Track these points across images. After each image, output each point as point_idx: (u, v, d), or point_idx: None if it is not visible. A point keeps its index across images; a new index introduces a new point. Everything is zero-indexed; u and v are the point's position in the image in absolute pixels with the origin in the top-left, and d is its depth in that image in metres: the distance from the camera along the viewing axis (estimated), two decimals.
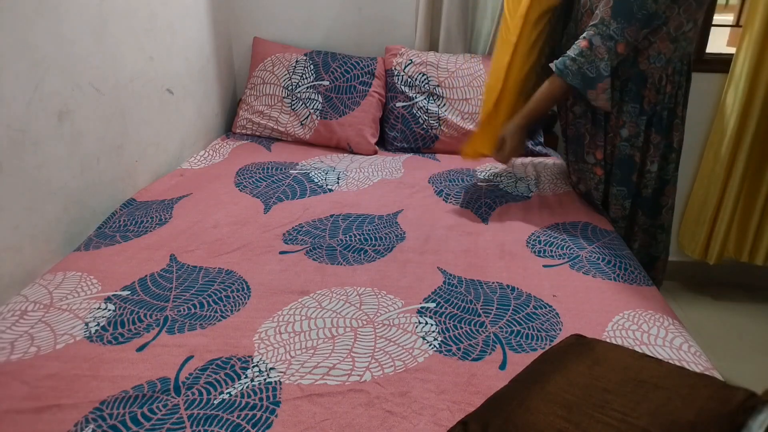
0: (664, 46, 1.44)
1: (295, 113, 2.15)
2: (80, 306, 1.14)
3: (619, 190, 1.61)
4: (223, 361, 1.00)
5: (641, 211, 1.64)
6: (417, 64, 2.14)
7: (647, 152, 1.56)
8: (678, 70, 1.49)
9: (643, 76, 1.49)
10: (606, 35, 1.40)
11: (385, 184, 1.80)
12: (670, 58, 1.46)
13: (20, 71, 1.21)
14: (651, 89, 1.49)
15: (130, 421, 0.87)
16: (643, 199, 1.62)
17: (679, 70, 1.50)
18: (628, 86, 1.51)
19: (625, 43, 1.40)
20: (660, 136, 1.54)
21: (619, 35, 1.39)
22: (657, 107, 1.51)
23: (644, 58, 1.47)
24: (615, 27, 1.39)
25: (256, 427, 0.86)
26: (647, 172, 1.58)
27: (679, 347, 1.06)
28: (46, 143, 1.30)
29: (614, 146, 1.58)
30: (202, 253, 1.36)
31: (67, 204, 1.39)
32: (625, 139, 1.55)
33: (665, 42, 1.43)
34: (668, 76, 1.49)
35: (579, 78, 1.45)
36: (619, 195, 1.62)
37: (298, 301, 1.18)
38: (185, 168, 1.90)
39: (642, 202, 1.62)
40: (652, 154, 1.56)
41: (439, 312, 1.15)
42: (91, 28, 1.45)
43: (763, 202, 2.27)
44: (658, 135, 1.53)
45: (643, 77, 1.49)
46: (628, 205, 1.62)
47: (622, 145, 1.56)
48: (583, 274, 1.30)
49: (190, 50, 2.01)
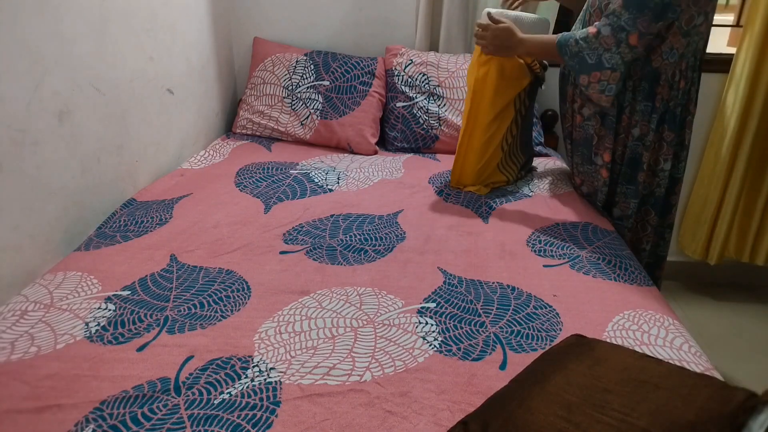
0: (677, 40, 1.42)
1: (296, 113, 2.15)
2: (80, 306, 1.14)
3: (628, 188, 1.60)
4: (223, 361, 1.00)
5: (654, 212, 1.62)
6: (417, 64, 2.14)
7: (660, 150, 1.55)
8: (691, 66, 1.48)
9: (656, 73, 1.47)
10: (617, 26, 1.38)
11: (385, 184, 1.80)
12: (683, 53, 1.45)
13: (20, 71, 1.21)
14: (664, 86, 1.48)
15: (130, 421, 0.87)
16: (656, 199, 1.61)
17: (692, 65, 1.49)
18: (641, 85, 1.49)
19: (638, 34, 1.37)
20: (673, 134, 1.52)
21: (631, 26, 1.37)
22: (670, 104, 1.50)
23: (657, 55, 1.45)
24: (627, 17, 1.37)
25: (256, 427, 0.86)
26: (660, 171, 1.57)
27: (680, 347, 1.06)
28: (46, 143, 1.30)
29: (625, 146, 1.57)
30: (202, 253, 1.36)
31: (67, 204, 1.39)
32: (637, 139, 1.54)
33: (677, 37, 1.42)
34: (681, 72, 1.47)
35: (576, 60, 1.45)
36: (628, 193, 1.61)
37: (298, 301, 1.18)
38: (185, 168, 1.90)
39: (654, 202, 1.61)
40: (666, 152, 1.54)
41: (439, 312, 1.15)
42: (92, 28, 1.45)
43: (764, 202, 2.27)
44: (672, 132, 1.52)
45: (657, 74, 1.47)
46: (634, 204, 1.61)
47: (633, 144, 1.55)
48: (584, 274, 1.30)
49: (190, 50, 2.01)
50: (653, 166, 1.57)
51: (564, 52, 1.47)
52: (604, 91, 1.44)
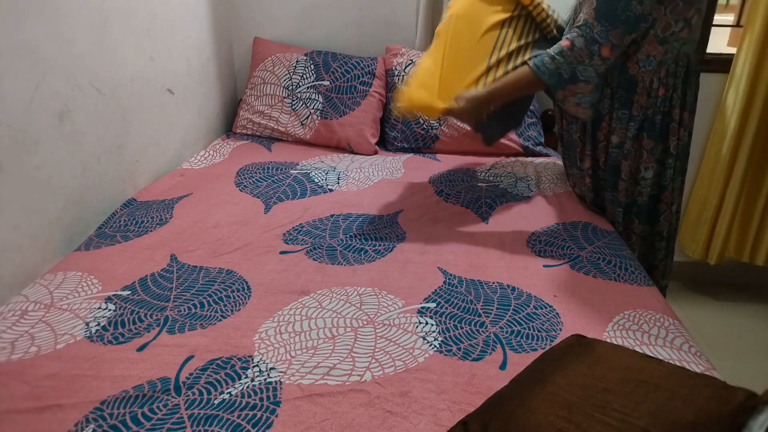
0: (653, 48, 1.39)
1: (296, 113, 2.15)
2: (81, 306, 1.15)
3: (612, 195, 1.57)
4: (223, 361, 1.00)
5: (637, 220, 1.59)
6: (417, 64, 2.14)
7: (641, 159, 1.51)
8: (672, 72, 1.43)
9: (633, 80, 1.44)
10: (590, 38, 1.35)
11: (385, 184, 1.80)
12: (662, 60, 1.41)
13: (21, 71, 1.21)
14: (642, 93, 1.44)
15: (130, 420, 0.87)
16: (639, 207, 1.56)
17: (674, 72, 1.43)
18: (618, 92, 1.46)
19: (610, 47, 1.35)
20: (653, 142, 1.48)
21: (604, 38, 1.34)
22: (648, 111, 1.46)
23: (633, 63, 1.42)
24: (599, 30, 1.34)
25: (256, 427, 0.86)
26: (642, 179, 1.52)
27: (680, 347, 1.06)
28: (46, 143, 1.30)
29: (607, 154, 1.55)
30: (202, 253, 1.36)
31: (67, 204, 1.39)
32: (615, 146, 1.51)
33: (653, 44, 1.38)
34: (660, 79, 1.43)
35: (555, 77, 1.40)
36: (613, 201, 1.58)
37: (298, 301, 1.18)
38: (186, 168, 1.90)
39: (638, 211, 1.57)
40: (646, 161, 1.50)
41: (439, 312, 1.15)
42: (92, 28, 1.45)
43: (764, 202, 2.26)
44: (651, 140, 1.48)
45: (633, 82, 1.44)
46: (619, 212, 1.58)
47: (612, 151, 1.53)
48: (584, 275, 1.30)
49: (190, 50, 2.01)
50: (634, 174, 1.53)
51: (542, 73, 1.41)
52: (580, 103, 1.41)
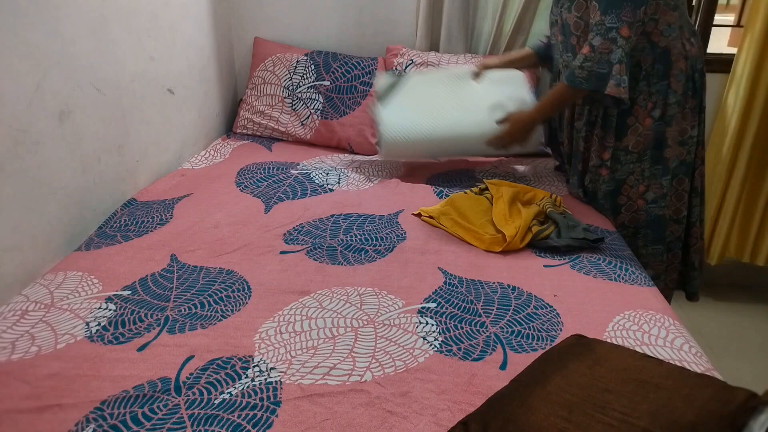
0: (669, 16, 1.46)
1: (296, 113, 2.15)
2: (81, 306, 1.15)
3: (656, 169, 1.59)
4: (223, 361, 1.00)
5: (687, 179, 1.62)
6: (418, 64, 2.14)
7: (685, 120, 1.56)
8: (693, 32, 1.53)
9: (666, 51, 1.50)
10: (604, 31, 1.41)
11: (385, 184, 1.80)
12: (681, 24, 1.49)
13: (21, 71, 1.21)
14: (678, 59, 1.50)
15: (130, 420, 0.87)
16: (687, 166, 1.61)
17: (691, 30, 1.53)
18: (655, 68, 1.51)
19: (627, 25, 1.40)
20: (695, 99, 1.55)
21: (617, 22, 1.40)
22: (688, 72, 1.52)
23: (658, 35, 1.48)
24: (609, 19, 1.40)
25: (256, 427, 0.86)
26: (689, 139, 1.57)
27: (680, 347, 1.06)
28: (46, 143, 1.30)
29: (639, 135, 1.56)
30: (202, 253, 1.36)
31: (67, 204, 1.39)
32: (658, 119, 1.54)
33: (667, 12, 1.46)
34: (689, 40, 1.52)
35: (594, 80, 1.45)
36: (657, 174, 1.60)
37: (298, 301, 1.18)
38: (186, 168, 1.90)
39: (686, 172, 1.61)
40: (690, 120, 1.56)
41: (439, 312, 1.15)
42: (92, 28, 1.45)
43: (765, 202, 2.26)
44: (694, 99, 1.55)
45: (667, 52, 1.50)
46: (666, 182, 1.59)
47: (655, 124, 1.55)
48: (584, 275, 1.30)
49: (191, 50, 2.01)
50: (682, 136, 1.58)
51: (579, 84, 1.47)
52: (620, 84, 1.44)
